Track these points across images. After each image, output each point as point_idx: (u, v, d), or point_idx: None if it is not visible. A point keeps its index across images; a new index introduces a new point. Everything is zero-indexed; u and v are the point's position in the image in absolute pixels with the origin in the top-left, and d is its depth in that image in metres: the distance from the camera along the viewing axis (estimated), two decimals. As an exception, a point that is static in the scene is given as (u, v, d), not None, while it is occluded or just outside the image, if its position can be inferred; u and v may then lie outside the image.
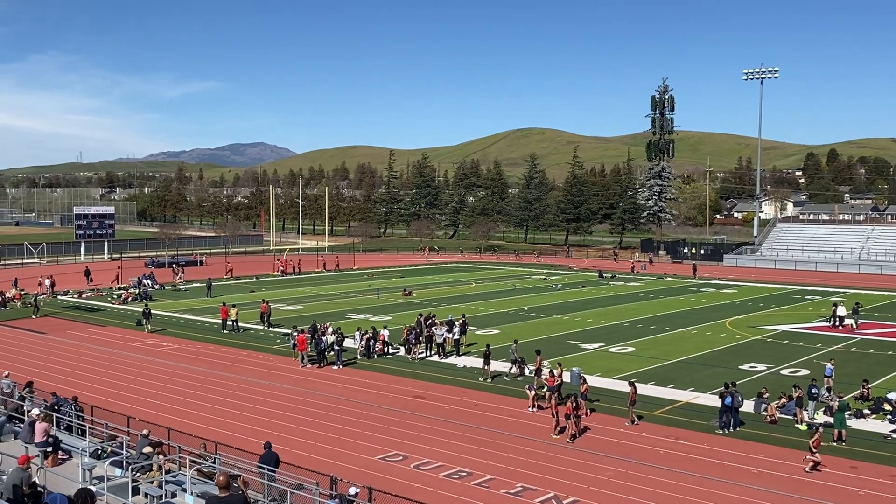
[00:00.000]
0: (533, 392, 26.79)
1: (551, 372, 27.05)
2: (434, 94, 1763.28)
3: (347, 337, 35.48)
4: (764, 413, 25.14)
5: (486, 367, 30.79)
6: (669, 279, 70.57)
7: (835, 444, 22.32)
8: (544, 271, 77.04)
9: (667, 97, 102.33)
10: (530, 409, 26.33)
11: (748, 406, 25.40)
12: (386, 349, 35.87)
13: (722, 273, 76.96)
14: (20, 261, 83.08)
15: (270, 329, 42.26)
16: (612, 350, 36.85)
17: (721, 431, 23.57)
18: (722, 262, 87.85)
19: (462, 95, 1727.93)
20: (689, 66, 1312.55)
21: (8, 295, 52.96)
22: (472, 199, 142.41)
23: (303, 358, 33.68)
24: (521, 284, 65.25)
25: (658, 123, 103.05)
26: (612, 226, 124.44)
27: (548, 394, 25.88)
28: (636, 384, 25.67)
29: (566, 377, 28.17)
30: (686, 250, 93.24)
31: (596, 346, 37.76)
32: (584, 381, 26.73)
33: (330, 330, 35.09)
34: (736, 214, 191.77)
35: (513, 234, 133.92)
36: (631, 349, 37.06)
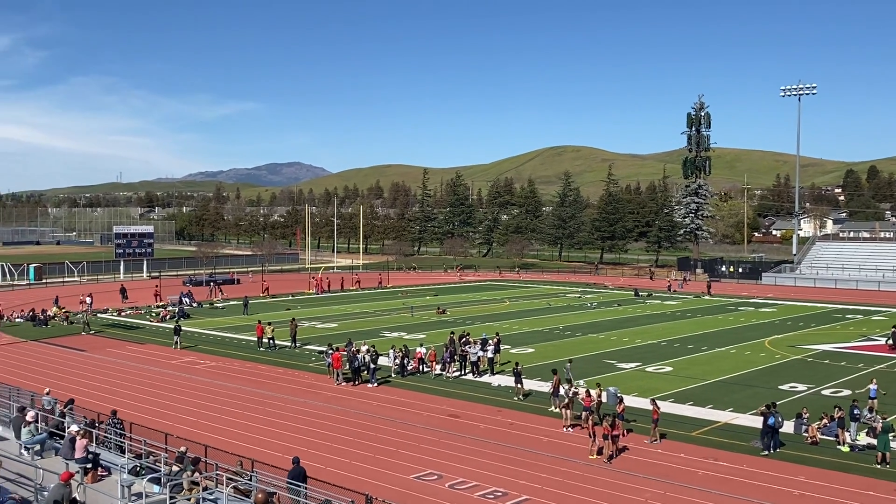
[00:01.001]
0: (559, 410, 26.80)
1: (588, 392, 26.81)
2: (467, 113, 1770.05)
3: (382, 355, 35.53)
4: (805, 434, 24.66)
5: (518, 386, 30.63)
6: (707, 298, 69.75)
7: (878, 466, 21.82)
8: (579, 289, 76.60)
9: (703, 114, 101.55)
10: (566, 428, 26.10)
11: (788, 427, 24.95)
12: (420, 367, 35.88)
13: (760, 291, 75.89)
14: (61, 279, 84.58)
15: (297, 347, 42.55)
16: (648, 369, 36.45)
17: (766, 453, 23.14)
18: (760, 280, 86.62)
19: (495, 114, 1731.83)
20: (726, 83, 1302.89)
21: (49, 313, 53.92)
22: (505, 217, 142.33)
23: (338, 376, 33.81)
24: (555, 303, 64.93)
25: (694, 140, 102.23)
26: (648, 244, 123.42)
27: (584, 414, 25.66)
28: (657, 401, 25.56)
29: (603, 397, 27.89)
30: (724, 268, 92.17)
31: (632, 365, 37.39)
32: (621, 400, 26.44)
33: (364, 349, 35.20)
34: (774, 232, 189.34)
35: (547, 253, 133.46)
36: (668, 369, 36.63)
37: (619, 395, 27.49)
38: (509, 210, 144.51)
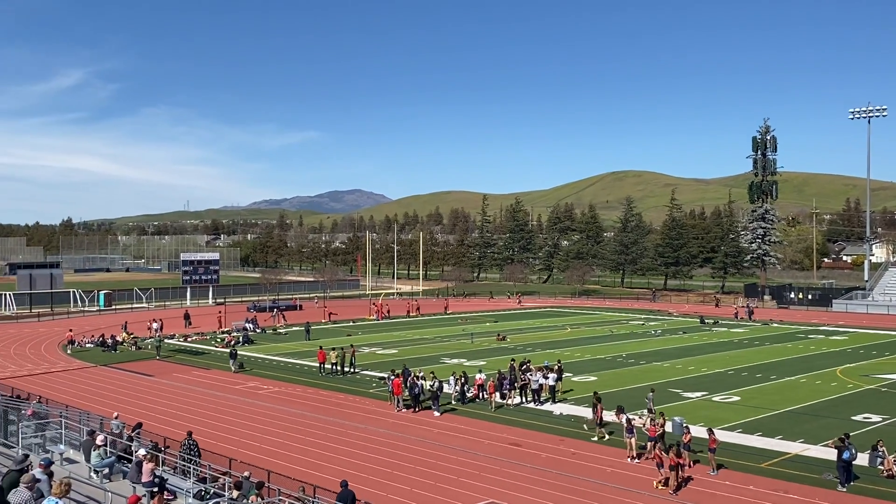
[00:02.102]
0: (599, 437, 26.61)
1: (652, 421, 26.26)
2: (527, 139, 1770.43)
3: (442, 381, 35.36)
4: (880, 467, 23.67)
5: (595, 417, 29.89)
6: (776, 325, 67.95)
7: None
8: (642, 317, 75.42)
9: (769, 137, 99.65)
10: (630, 459, 25.57)
11: (862, 459, 23.98)
12: (481, 394, 35.64)
13: (831, 319, 73.59)
14: (130, 305, 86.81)
15: (354, 373, 42.77)
16: (715, 399, 35.55)
17: (843, 488, 22.25)
18: (831, 307, 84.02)
19: (555, 139, 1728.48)
20: (793, 106, 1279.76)
21: (118, 338, 55.33)
22: (566, 242, 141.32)
23: (398, 402, 33.80)
24: (618, 330, 63.99)
25: (760, 164, 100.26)
26: (714, 270, 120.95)
27: (650, 444, 25.13)
28: (715, 430, 25.03)
29: (667, 426, 27.27)
30: (792, 295, 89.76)
31: (698, 394, 36.52)
32: (688, 430, 25.80)
33: (420, 375, 35.14)
34: (845, 258, 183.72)
35: (609, 279, 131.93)
36: (736, 398, 35.67)
37: (685, 424, 26.85)
38: (569, 236, 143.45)
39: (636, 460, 25.41)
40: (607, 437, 28.42)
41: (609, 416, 29.48)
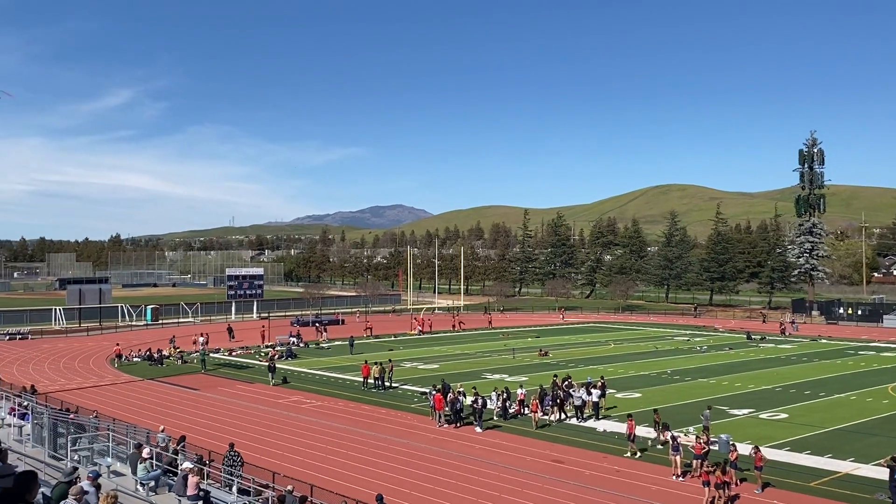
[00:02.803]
0: (631, 454, 26.53)
1: (697, 438, 25.85)
2: (568, 153, 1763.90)
3: (485, 397, 35.19)
4: (937, 489, 22.93)
5: (660, 433, 29.47)
6: (824, 341, 66.51)
7: None
8: (687, 332, 74.41)
9: (815, 150, 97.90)
10: (675, 476, 25.16)
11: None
12: (522, 410, 35.42)
13: (882, 335, 71.82)
14: (176, 320, 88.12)
15: (396, 387, 42.86)
16: (762, 416, 34.87)
17: (894, 511, 21.65)
18: (881, 323, 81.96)
19: (598, 153, 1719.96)
20: (840, 118, 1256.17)
21: (165, 352, 56.16)
22: (608, 257, 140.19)
23: (440, 417, 33.74)
24: (662, 346, 63.19)
25: (807, 178, 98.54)
26: (760, 285, 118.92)
27: (695, 462, 24.74)
28: (761, 448, 24.53)
29: (714, 444, 26.83)
30: (841, 310, 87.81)
31: (745, 411, 35.85)
32: (734, 448, 25.33)
33: (461, 389, 35.04)
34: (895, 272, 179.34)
35: (653, 294, 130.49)
36: (784, 415, 34.95)
37: (731, 442, 26.38)
38: (612, 250, 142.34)
39: (681, 478, 25.01)
40: (639, 453, 28.08)
41: (651, 432, 29.08)
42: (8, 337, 69.57)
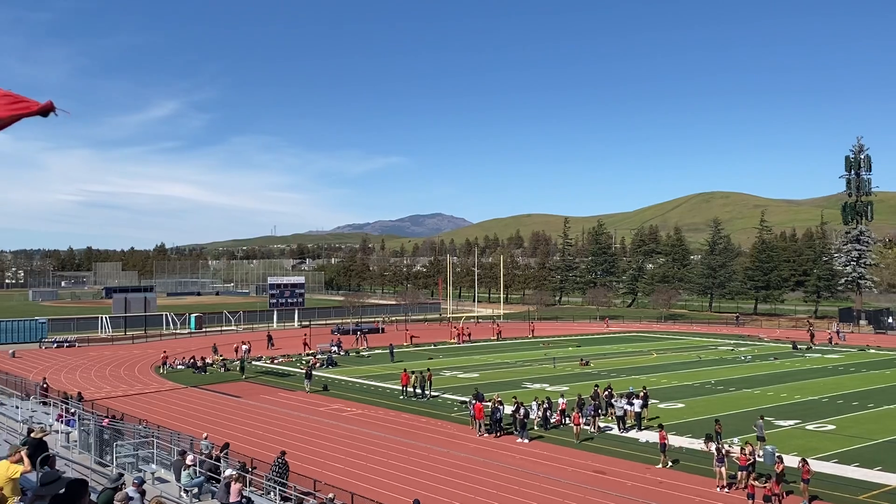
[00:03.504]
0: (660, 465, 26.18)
1: (742, 450, 25.41)
2: (609, 161, 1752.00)
3: (521, 406, 34.96)
4: None
5: (711, 442, 28.96)
6: (872, 351, 65.02)
7: None
8: (732, 342, 73.28)
9: (862, 157, 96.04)
10: (719, 488, 24.75)
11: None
12: (563, 420, 35.17)
13: (934, 345, 69.92)
14: (219, 328, 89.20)
15: (436, 396, 42.83)
16: (809, 427, 34.16)
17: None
18: (933, 332, 79.92)
19: (639, 160, 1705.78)
20: (887, 124, 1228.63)
21: (208, 360, 56.85)
22: (650, 266, 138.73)
23: (479, 427, 33.63)
24: (706, 356, 62.30)
25: (854, 184, 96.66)
26: (806, 294, 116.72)
27: (740, 473, 24.32)
28: (808, 460, 24.06)
29: (757, 455, 26.35)
30: (890, 320, 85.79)
31: (791, 423, 35.16)
32: (780, 460, 24.85)
33: (499, 399, 34.89)
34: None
35: (696, 303, 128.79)
36: (831, 427, 34.20)
37: (777, 454, 25.88)
38: (655, 259, 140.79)
39: (726, 490, 24.59)
40: (671, 463, 27.71)
41: (694, 443, 28.65)
42: (56, 345, 71.08)
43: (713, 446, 26.58)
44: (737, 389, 44.89)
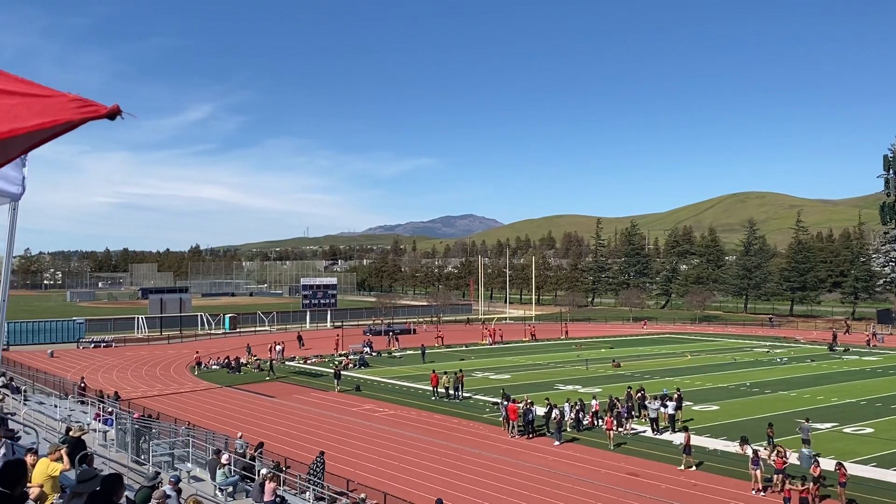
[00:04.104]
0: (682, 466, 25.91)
1: (779, 453, 25.10)
2: (643, 161, 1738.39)
3: (555, 408, 34.81)
4: None
5: (746, 445, 28.73)
6: (912, 354, 63.80)
7: None
8: (767, 344, 72.36)
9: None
10: (755, 491, 24.46)
11: None
12: (595, 422, 34.98)
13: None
14: (253, 328, 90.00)
15: (468, 397, 42.80)
16: (847, 430, 33.63)
17: None
18: (976, 335, 78.17)
19: (673, 161, 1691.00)
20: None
21: (243, 360, 57.38)
22: (684, 267, 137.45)
23: (512, 428, 33.57)
24: (741, 357, 61.58)
25: (892, 184, 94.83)
26: (844, 295, 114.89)
27: (776, 476, 24.02)
28: (844, 464, 23.73)
29: (794, 458, 26.01)
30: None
31: (828, 425, 34.64)
32: (817, 463, 24.50)
33: (530, 401, 34.80)
34: None
35: (731, 304, 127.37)
36: (869, 430, 33.63)
37: (813, 457, 25.51)
38: (689, 260, 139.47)
39: (762, 493, 24.30)
40: (694, 466, 27.43)
41: (730, 445, 28.35)
42: (93, 345, 72.23)
43: (748, 449, 26.29)
44: (772, 392, 44.33)
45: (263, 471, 20.73)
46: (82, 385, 42.15)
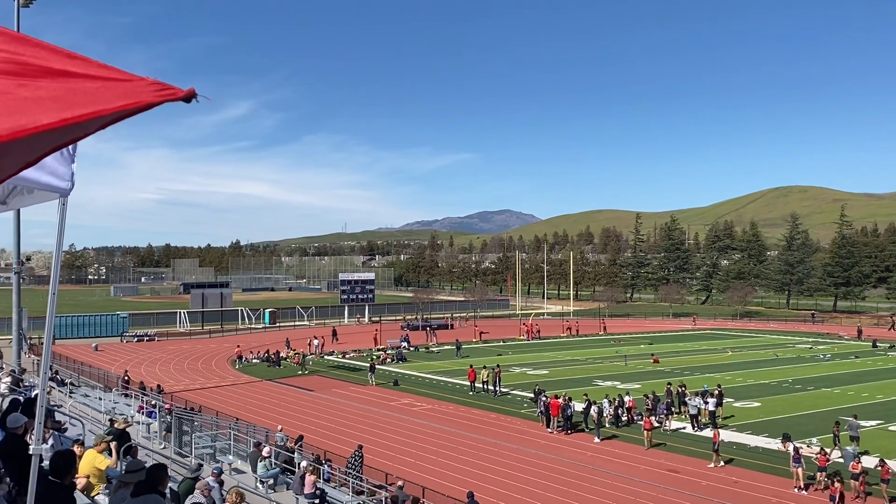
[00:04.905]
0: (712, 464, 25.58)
1: (822, 450, 24.71)
2: (682, 155, 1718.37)
3: (594, 404, 34.62)
4: None
5: (789, 442, 28.24)
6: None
7: None
8: (810, 340, 71.19)
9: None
10: (797, 489, 24.11)
11: None
12: (633, 418, 34.74)
13: None
14: (292, 323, 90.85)
15: (506, 392, 42.76)
16: (892, 428, 32.99)
17: None
18: None
19: (713, 154, 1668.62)
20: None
21: (282, 354, 57.96)
22: (725, 262, 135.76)
23: (554, 423, 33.48)
24: (783, 354, 60.67)
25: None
26: (889, 290, 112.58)
27: (819, 474, 23.66)
28: (887, 461, 23.42)
29: (834, 455, 25.59)
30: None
31: (873, 423, 33.98)
32: (859, 460, 24.08)
33: (569, 397, 34.65)
34: None
35: (773, 300, 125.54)
36: (917, 429, 32.94)
37: (857, 454, 25.07)
38: (730, 255, 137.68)
39: (804, 491, 23.96)
40: (722, 463, 27.09)
41: (771, 442, 27.97)
42: (136, 339, 73.49)
43: (790, 446, 25.92)
44: (815, 388, 43.63)
45: (304, 463, 20.94)
46: (126, 378, 42.93)
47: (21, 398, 12.35)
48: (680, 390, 36.94)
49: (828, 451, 24.75)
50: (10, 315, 34.08)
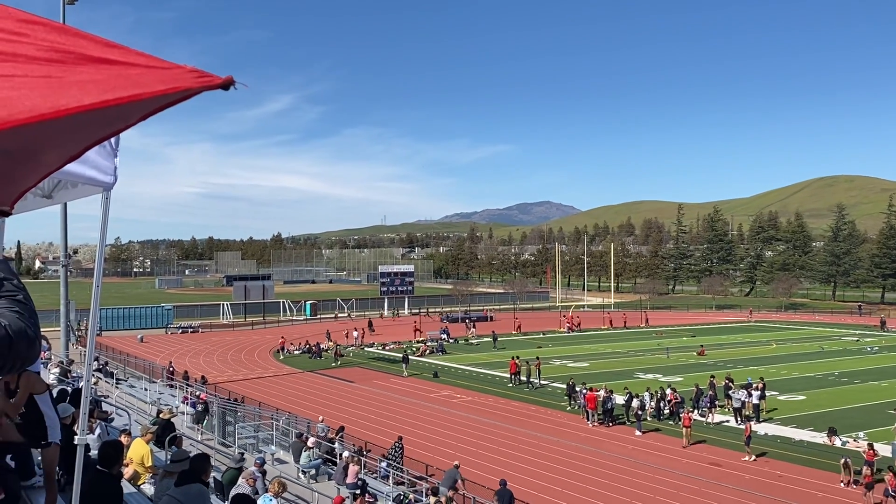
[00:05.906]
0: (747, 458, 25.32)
1: (870, 445, 24.24)
2: (726, 144, 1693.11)
3: (636, 397, 34.34)
4: None
5: (834, 436, 27.79)
6: None
7: None
8: (857, 332, 69.81)
9: None
10: (843, 484, 23.68)
11: None
12: (675, 410, 34.37)
13: None
14: (333, 315, 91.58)
15: (545, 385, 42.61)
16: (944, 423, 32.19)
17: None
18: None
19: (757, 144, 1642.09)
20: None
21: (323, 346, 58.45)
22: (770, 253, 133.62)
23: (590, 416, 33.31)
24: (829, 346, 59.58)
25: None
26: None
27: (865, 469, 23.21)
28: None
29: (881, 450, 25.08)
30: None
31: (924, 418, 33.21)
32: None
33: (610, 390, 34.43)
34: None
35: (818, 291, 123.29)
36: (969, 423, 32.10)
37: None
38: (774, 246, 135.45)
39: (852, 486, 23.51)
40: (754, 457, 26.74)
41: (816, 436, 27.49)
42: (181, 330, 74.72)
43: (837, 440, 25.47)
44: (862, 381, 42.78)
45: (345, 454, 21.12)
46: (171, 369, 43.66)
47: (69, 388, 12.63)
48: (725, 383, 36.52)
49: (875, 445, 24.25)
50: (59, 307, 34.82)
